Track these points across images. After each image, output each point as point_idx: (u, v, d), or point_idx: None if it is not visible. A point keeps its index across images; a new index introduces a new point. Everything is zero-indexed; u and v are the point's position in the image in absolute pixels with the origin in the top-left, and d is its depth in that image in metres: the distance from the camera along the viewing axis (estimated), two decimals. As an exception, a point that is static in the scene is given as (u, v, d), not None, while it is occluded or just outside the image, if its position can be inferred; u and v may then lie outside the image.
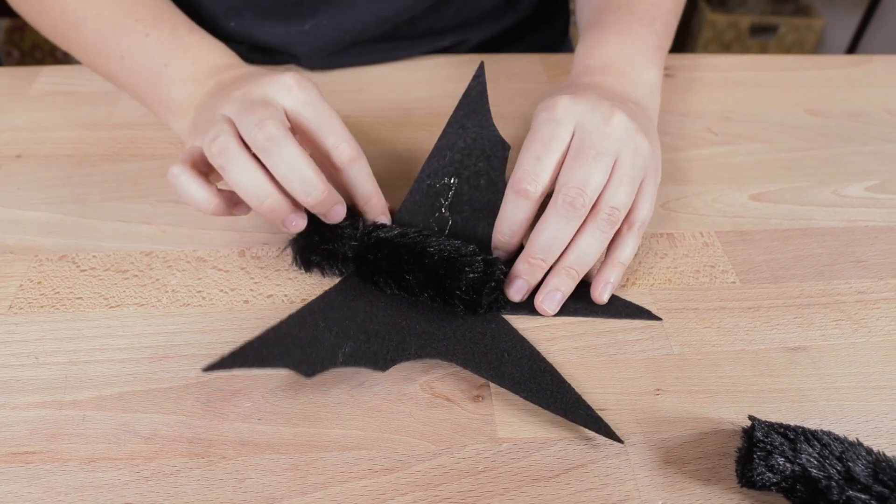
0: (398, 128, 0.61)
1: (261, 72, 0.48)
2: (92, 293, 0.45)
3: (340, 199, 0.44)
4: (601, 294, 0.45)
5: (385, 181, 0.54)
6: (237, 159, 0.40)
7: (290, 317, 0.41)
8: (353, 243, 0.45)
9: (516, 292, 0.45)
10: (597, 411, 0.39)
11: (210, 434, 0.38)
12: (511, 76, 0.67)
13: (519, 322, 0.44)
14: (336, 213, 0.44)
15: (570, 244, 0.44)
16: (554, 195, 0.44)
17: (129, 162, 0.56)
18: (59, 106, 0.61)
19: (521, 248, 0.46)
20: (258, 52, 0.67)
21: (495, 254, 0.47)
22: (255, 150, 0.41)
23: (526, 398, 0.40)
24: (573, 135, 0.45)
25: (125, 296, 0.45)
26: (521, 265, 0.44)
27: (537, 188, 0.44)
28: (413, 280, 0.43)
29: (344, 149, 0.45)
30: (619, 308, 0.46)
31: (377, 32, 0.65)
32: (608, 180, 0.44)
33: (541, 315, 0.45)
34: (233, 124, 0.42)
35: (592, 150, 0.43)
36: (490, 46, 0.74)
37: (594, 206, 0.44)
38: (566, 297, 0.45)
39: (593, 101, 0.45)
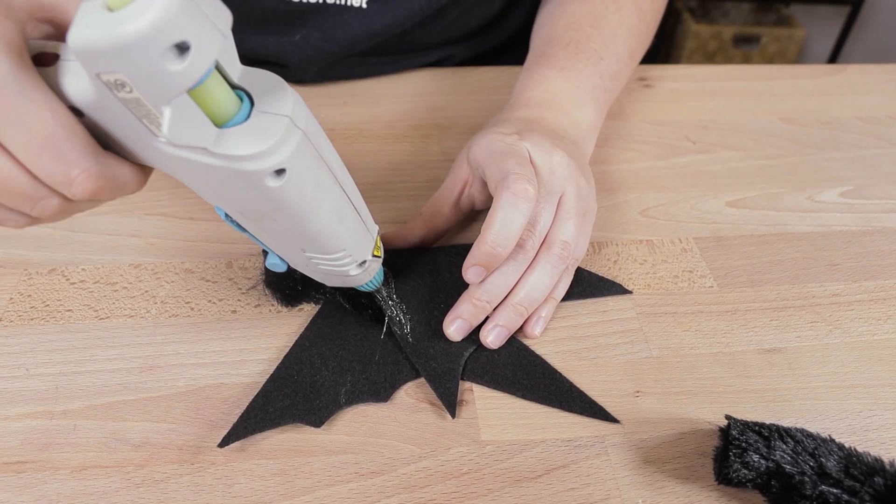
0: (381, 140, 0.62)
1: None
2: (81, 305, 0.46)
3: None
4: (533, 329, 0.45)
5: (368, 194, 0.55)
6: None
7: (286, 358, 0.42)
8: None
9: (456, 332, 0.43)
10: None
11: (199, 441, 0.39)
12: (493, 88, 0.68)
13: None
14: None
15: (519, 280, 0.43)
16: None
17: (117, 176, 0.56)
18: (47, 122, 0.62)
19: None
20: (248, 65, 0.68)
21: (471, 272, 0.42)
22: None
23: (522, 397, 0.41)
24: None
25: (114, 307, 0.46)
26: (464, 306, 0.43)
27: (534, 189, 0.42)
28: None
29: None
30: (592, 283, 0.48)
31: (367, 46, 0.66)
32: (554, 217, 0.44)
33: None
34: None
35: (542, 189, 0.44)
36: (474, 63, 0.75)
37: (544, 241, 0.44)
38: (511, 333, 0.44)
39: (538, 140, 0.45)
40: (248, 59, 0.67)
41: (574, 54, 0.55)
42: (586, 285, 0.48)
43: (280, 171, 0.29)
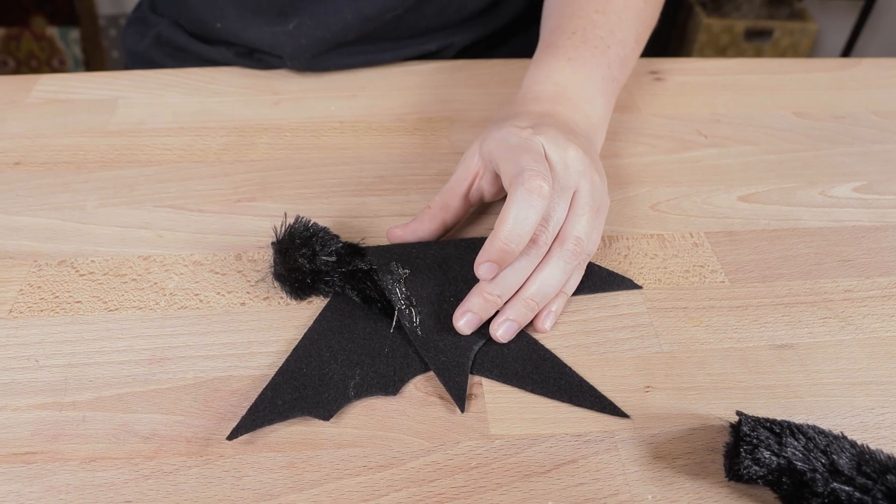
0: (391, 133, 0.61)
1: None
2: (91, 297, 0.46)
3: None
4: (543, 323, 0.44)
5: (377, 186, 0.55)
6: None
7: (295, 351, 0.42)
8: (339, 271, 0.45)
9: (466, 326, 0.43)
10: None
11: (208, 433, 0.39)
12: (502, 81, 0.68)
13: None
14: None
15: (531, 275, 0.43)
16: None
17: (125, 168, 0.56)
18: (56, 114, 0.62)
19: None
20: (245, 57, 0.68)
21: (483, 268, 0.42)
22: None
23: (531, 391, 0.41)
24: None
25: (124, 299, 0.46)
26: (475, 299, 0.43)
27: (549, 186, 0.42)
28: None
29: None
30: (603, 278, 0.48)
31: (361, 32, 0.66)
32: (568, 212, 0.44)
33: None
34: None
35: (556, 185, 0.44)
36: (476, 50, 0.74)
37: (557, 236, 0.44)
38: (522, 327, 0.44)
39: (553, 135, 0.45)
40: (243, 48, 0.68)
41: (581, 43, 0.55)
42: (597, 280, 0.48)
43: None
